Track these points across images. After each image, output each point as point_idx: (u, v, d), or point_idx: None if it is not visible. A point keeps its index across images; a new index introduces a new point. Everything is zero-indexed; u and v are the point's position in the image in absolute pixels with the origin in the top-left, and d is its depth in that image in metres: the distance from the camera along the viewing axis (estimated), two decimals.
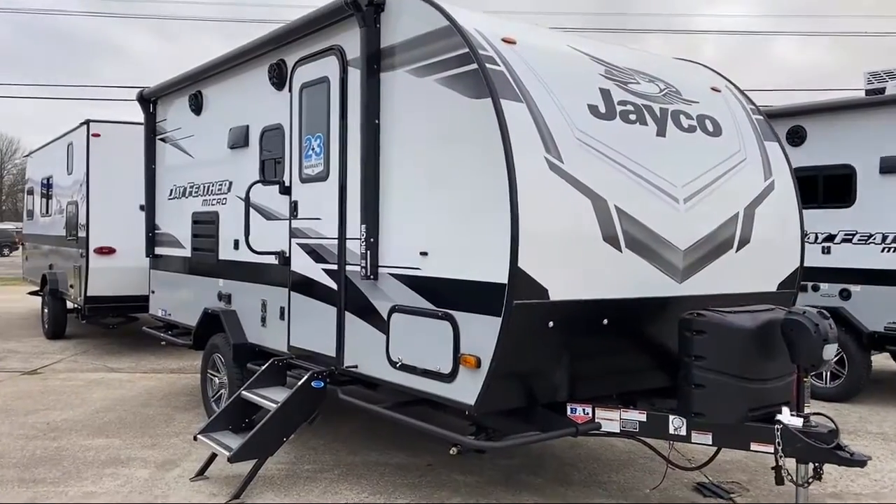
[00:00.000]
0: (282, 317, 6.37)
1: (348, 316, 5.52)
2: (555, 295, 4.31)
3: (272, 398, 5.72)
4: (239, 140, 7.03)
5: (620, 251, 4.58)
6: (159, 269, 8.94)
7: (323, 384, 5.60)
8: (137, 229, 10.22)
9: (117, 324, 11.99)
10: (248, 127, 6.95)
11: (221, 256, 7.41)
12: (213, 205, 7.59)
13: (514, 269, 4.12)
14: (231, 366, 6.93)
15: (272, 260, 6.45)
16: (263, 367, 6.10)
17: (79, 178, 11.64)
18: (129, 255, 11.01)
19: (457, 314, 4.51)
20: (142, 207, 9.74)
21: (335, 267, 5.64)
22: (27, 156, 16.29)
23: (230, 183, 7.28)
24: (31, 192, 15.86)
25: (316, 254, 5.86)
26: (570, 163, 4.43)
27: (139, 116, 9.32)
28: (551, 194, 4.35)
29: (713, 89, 5.88)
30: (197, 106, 7.89)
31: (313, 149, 5.92)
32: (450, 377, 4.54)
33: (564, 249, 4.38)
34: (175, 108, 8.51)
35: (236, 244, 7.12)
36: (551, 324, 4.34)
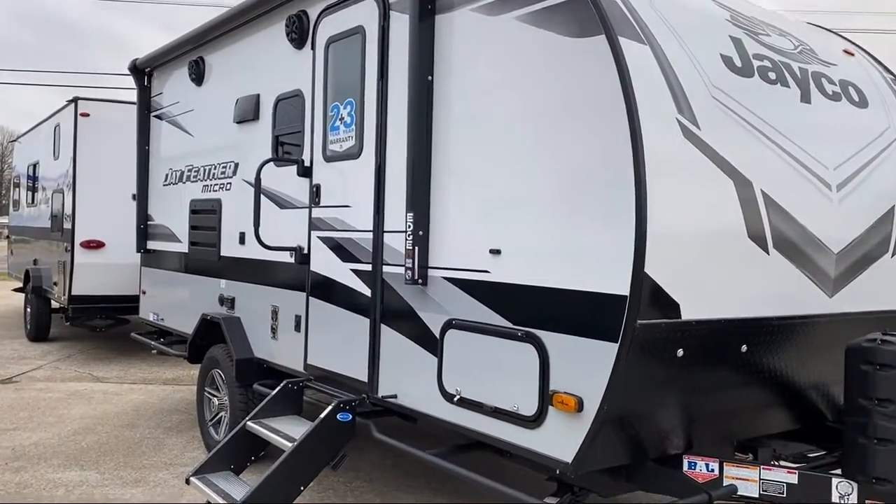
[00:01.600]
0: (297, 328, 5.16)
1: (385, 330, 4.31)
2: (688, 312, 3.10)
3: (286, 433, 4.51)
4: (248, 113, 5.82)
5: (767, 253, 3.37)
6: (152, 267, 7.73)
7: (351, 417, 4.39)
8: (129, 221, 9.08)
9: (105, 327, 10.77)
10: (258, 97, 5.74)
11: (224, 252, 6.21)
12: (214, 191, 6.39)
13: (640, 276, 2.91)
14: (233, 385, 5.71)
15: (286, 257, 5.24)
16: (274, 392, 4.89)
17: (65, 164, 10.43)
18: (120, 249, 9.81)
19: (545, 336, 3.29)
20: (135, 197, 8.56)
21: (368, 267, 4.43)
22: (13, 141, 15.05)
23: (236, 165, 6.07)
24: (17, 184, 14.64)
25: (343, 250, 4.66)
26: (708, 130, 3.22)
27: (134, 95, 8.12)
28: (686, 172, 3.14)
29: (846, 52, 4.67)
30: (198, 75, 6.68)
31: (342, 119, 4.71)
32: (533, 421, 3.33)
33: (702, 250, 3.17)
34: (173, 78, 7.30)
35: (242, 238, 5.91)
36: (680, 352, 3.13)
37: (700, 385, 3.37)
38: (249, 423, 4.75)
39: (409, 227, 3.97)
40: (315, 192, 4.96)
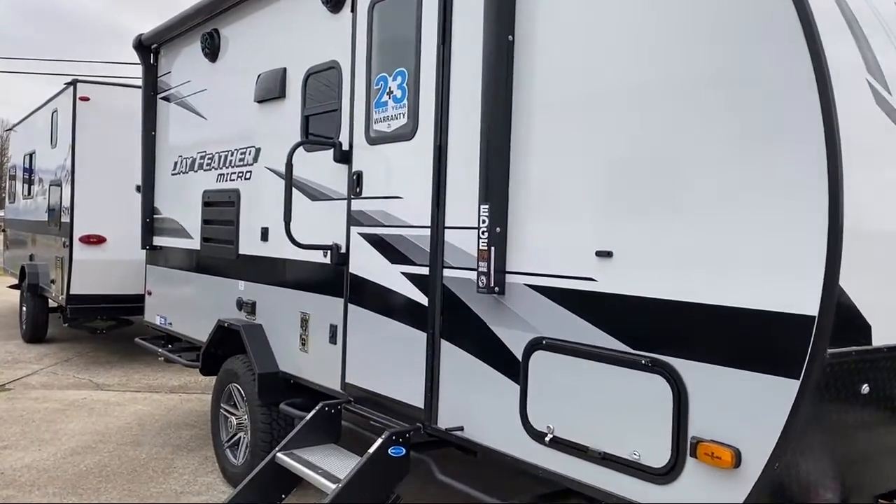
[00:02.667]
0: (333, 339, 4.41)
1: (447, 348, 3.56)
2: (879, 337, 2.36)
3: (326, 469, 3.76)
4: (272, 90, 5.06)
5: None
6: (158, 265, 6.97)
7: (404, 451, 3.64)
8: (133, 214, 8.35)
9: (106, 328, 10.01)
10: (284, 71, 4.97)
11: (243, 250, 5.45)
12: (231, 181, 5.63)
13: (832, 291, 2.16)
14: (255, 403, 4.96)
15: (318, 257, 4.49)
16: (309, 417, 4.14)
17: (63, 153, 9.66)
18: (123, 245, 9.11)
19: (682, 365, 2.54)
20: (139, 188, 7.83)
21: (424, 271, 3.68)
22: (9, 130, 14.29)
23: (257, 151, 5.31)
24: (13, 176, 13.85)
25: (391, 249, 3.91)
26: None
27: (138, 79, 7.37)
28: (878, 148, 2.38)
29: None
30: (212, 49, 5.91)
31: (390, 93, 3.95)
32: (664, 475, 2.57)
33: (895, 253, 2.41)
34: (183, 55, 6.52)
35: (264, 234, 5.15)
36: (865, 388, 2.38)
37: (872, 428, 2.61)
38: (280, 454, 4.01)
39: (484, 222, 3.21)
40: (355, 181, 4.20)
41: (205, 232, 5.99)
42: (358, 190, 4.19)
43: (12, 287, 13.30)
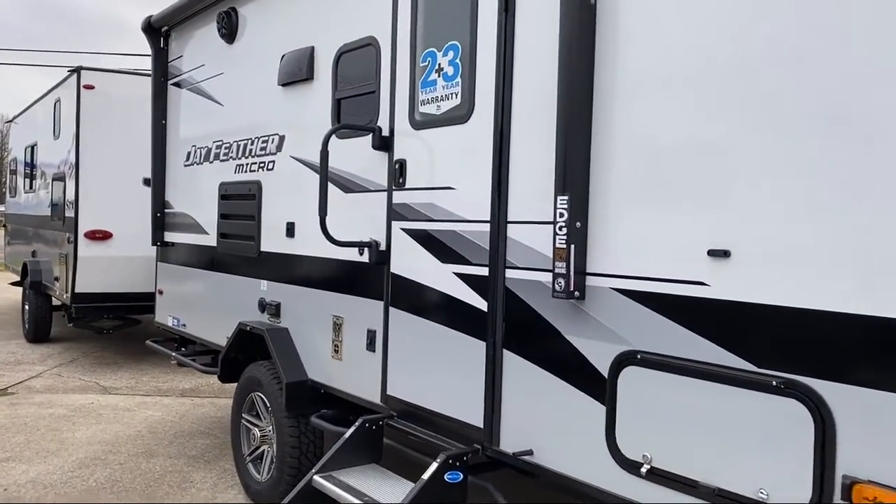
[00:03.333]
0: (371, 346, 3.98)
1: (511, 360, 3.12)
2: None
3: (371, 497, 3.33)
4: (298, 71, 4.61)
5: None
6: (170, 263, 6.53)
7: (461, 476, 3.21)
8: (141, 208, 7.97)
9: (113, 328, 9.58)
10: (312, 50, 4.53)
11: (265, 247, 5.01)
12: (252, 172, 5.18)
13: None
14: (282, 415, 4.53)
15: (353, 255, 4.06)
16: (348, 434, 3.70)
17: (67, 144, 9.22)
18: (130, 240, 8.70)
19: (827, 389, 2.11)
20: (146, 181, 7.42)
21: (482, 271, 3.24)
22: (10, 122, 13.83)
23: (281, 138, 4.86)
24: (14, 171, 13.40)
25: (441, 247, 3.47)
26: None
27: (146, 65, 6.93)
28: None
29: None
30: (229, 29, 5.46)
31: (440, 70, 3.51)
32: None
33: None
34: (197, 37, 6.07)
35: (290, 229, 4.71)
36: None
37: None
38: (317, 477, 3.57)
39: (561, 216, 2.77)
40: (398, 171, 3.75)
41: (222, 227, 5.55)
42: (401, 180, 3.75)
43: (14, 284, 12.88)
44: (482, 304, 3.25)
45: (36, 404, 7.33)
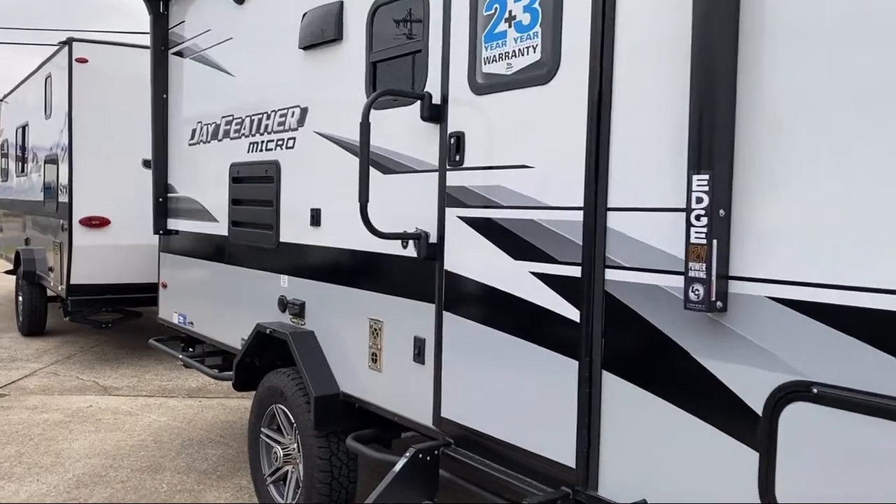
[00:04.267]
0: (418, 356, 3.32)
1: (615, 385, 2.47)
2: None
3: None
4: (323, 32, 3.92)
5: None
6: (175, 253, 5.87)
7: None
8: (141, 193, 7.37)
9: (112, 321, 8.92)
10: (340, 6, 3.84)
11: (285, 237, 4.35)
12: (268, 150, 4.50)
13: None
14: (309, 433, 3.89)
15: (395, 248, 3.40)
16: (399, 468, 3.05)
17: (59, 123, 8.52)
18: (129, 227, 8.05)
19: None
20: (146, 163, 6.78)
21: (572, 271, 2.58)
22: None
23: (303, 111, 4.18)
24: (4, 154, 12.67)
25: (514, 240, 2.80)
26: None
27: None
28: None
29: None
30: None
31: (511, 19, 2.82)
32: None
33: None
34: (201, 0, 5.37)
35: (315, 217, 4.05)
36: None
37: None
38: None
39: (699, 201, 2.11)
40: (454, 146, 3.08)
41: (234, 214, 4.88)
42: (457, 158, 3.07)
43: (7, 273, 12.22)
44: (572, 313, 2.59)
45: (29, 408, 6.69)
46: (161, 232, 5.94)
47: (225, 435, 6.01)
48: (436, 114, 3.18)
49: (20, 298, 9.95)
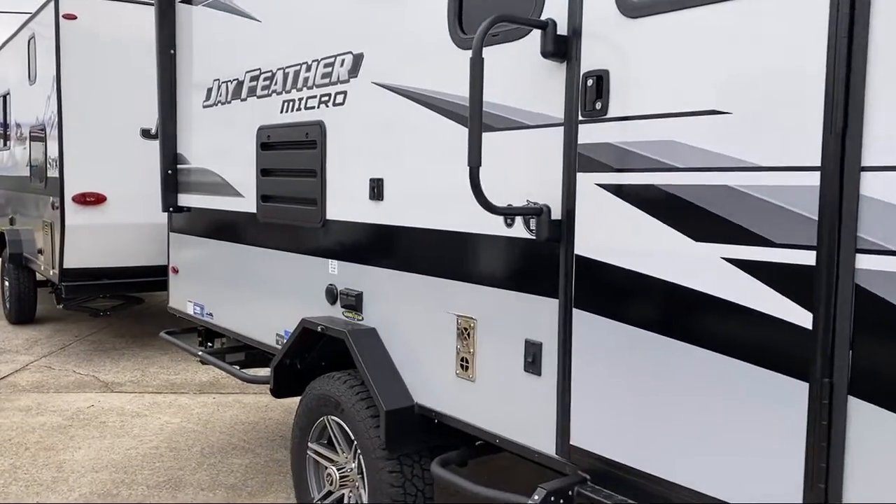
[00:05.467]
0: (533, 366, 2.59)
1: (866, 415, 1.75)
2: None
3: None
4: None
5: None
6: (187, 233, 5.09)
7: None
8: (139, 165, 6.61)
9: (110, 308, 8.12)
10: None
11: (334, 214, 3.59)
12: (309, 109, 3.72)
13: None
14: (378, 455, 3.15)
15: (495, 227, 2.65)
16: None
17: (46, 90, 7.65)
18: (128, 204, 7.27)
19: None
20: (145, 132, 5.99)
21: (801, 257, 1.84)
22: None
23: (356, 58, 3.39)
24: None
25: (696, 214, 2.06)
26: None
27: None
28: None
29: None
30: None
31: None
32: None
33: None
34: None
35: (376, 188, 3.29)
36: None
37: None
38: None
39: None
40: (591, 90, 2.32)
41: (263, 187, 4.10)
42: (597, 106, 2.31)
43: None
44: (799, 316, 1.85)
45: (23, 410, 5.92)
46: (171, 209, 5.14)
47: (248, 439, 5.28)
48: (561, 48, 2.41)
49: (6, 283, 9.11)
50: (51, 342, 8.22)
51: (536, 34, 2.47)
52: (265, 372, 4.03)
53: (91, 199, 7.25)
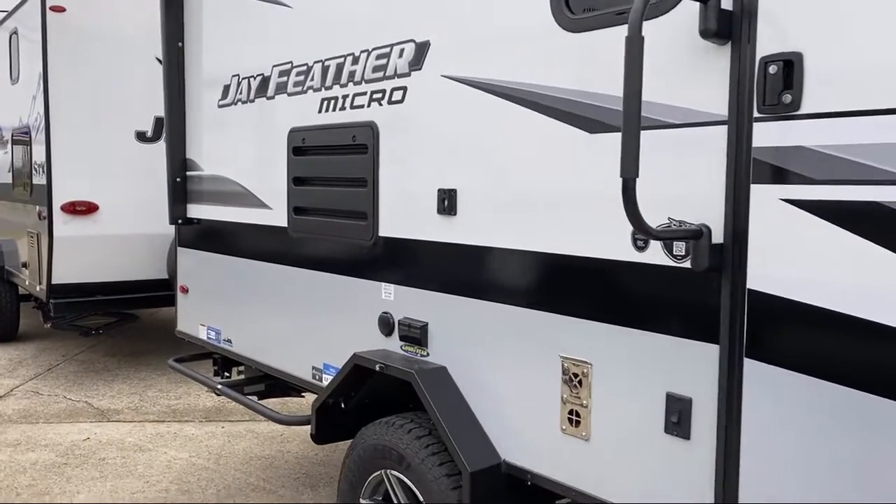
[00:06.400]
0: (678, 427, 2.06)
1: None
2: None
3: None
4: None
5: None
6: (200, 249, 4.52)
7: None
8: (135, 171, 6.04)
9: (103, 326, 7.50)
10: None
11: (388, 230, 3.04)
12: (357, 108, 3.17)
13: None
14: None
15: (621, 251, 2.12)
16: None
17: (30, 89, 7.02)
18: (122, 213, 6.69)
19: None
20: (141, 135, 5.41)
21: None
22: None
23: (420, 47, 2.85)
24: None
25: None
26: None
27: None
28: None
29: None
30: None
31: None
32: None
33: None
34: None
35: (447, 201, 2.75)
36: None
37: None
38: None
39: None
40: (777, 79, 1.79)
41: (296, 197, 3.54)
42: (784, 98, 1.79)
43: None
44: None
45: (11, 445, 5.31)
46: (179, 221, 4.57)
47: (267, 477, 4.72)
48: (725, 26, 1.89)
49: None
50: (36, 363, 7.58)
51: (688, 7, 1.95)
52: (290, 402, 3.48)
53: (82, 209, 6.63)
